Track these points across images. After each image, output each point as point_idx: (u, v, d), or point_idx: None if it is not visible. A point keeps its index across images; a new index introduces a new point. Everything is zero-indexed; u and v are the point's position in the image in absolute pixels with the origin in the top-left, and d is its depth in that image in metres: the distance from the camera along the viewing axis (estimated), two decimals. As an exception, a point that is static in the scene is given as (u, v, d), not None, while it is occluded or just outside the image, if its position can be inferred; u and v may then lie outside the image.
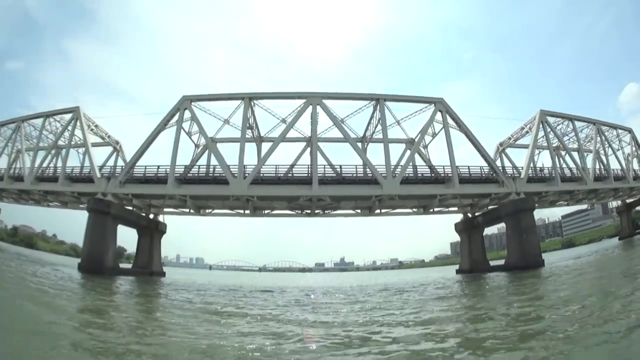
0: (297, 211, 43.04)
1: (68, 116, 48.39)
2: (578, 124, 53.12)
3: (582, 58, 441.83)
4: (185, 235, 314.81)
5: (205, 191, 37.66)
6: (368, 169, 38.81)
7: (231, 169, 37.63)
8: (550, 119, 49.49)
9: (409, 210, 46.30)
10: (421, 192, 39.35)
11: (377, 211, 43.76)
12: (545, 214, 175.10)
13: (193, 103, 41.35)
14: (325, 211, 43.00)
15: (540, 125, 47.57)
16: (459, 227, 50.81)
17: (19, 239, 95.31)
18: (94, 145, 51.94)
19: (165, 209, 47.70)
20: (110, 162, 49.57)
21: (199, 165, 40.89)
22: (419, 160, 45.52)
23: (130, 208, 45.29)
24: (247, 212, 42.94)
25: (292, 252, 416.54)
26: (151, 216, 47.63)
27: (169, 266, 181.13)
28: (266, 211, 43.51)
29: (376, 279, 53.93)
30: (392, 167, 38.43)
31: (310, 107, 39.02)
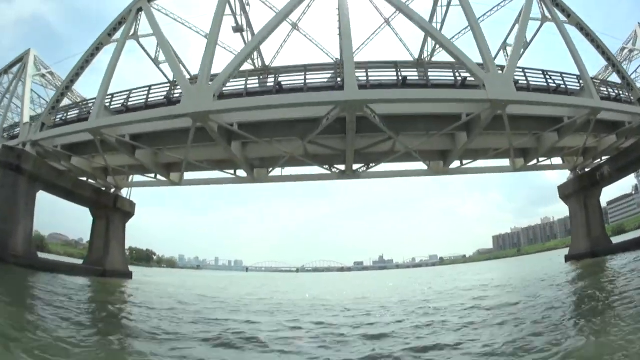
0: (324, 167, 23.02)
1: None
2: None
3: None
4: (226, 238, 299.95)
5: (145, 117, 18.53)
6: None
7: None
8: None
9: (501, 164, 26.25)
10: (547, 102, 19.10)
11: (455, 164, 23.83)
12: None
13: (153, 2, 22.83)
14: (370, 166, 22.99)
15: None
16: (567, 191, 30.17)
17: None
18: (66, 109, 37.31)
19: (136, 179, 29.93)
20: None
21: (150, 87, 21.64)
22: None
23: (86, 179, 28.38)
24: (242, 175, 23.97)
25: (331, 252, 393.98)
26: (112, 190, 29.79)
27: (208, 269, 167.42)
28: (270, 169, 23.80)
29: (439, 280, 33.94)
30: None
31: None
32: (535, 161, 26.34)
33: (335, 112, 15.78)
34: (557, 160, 29.60)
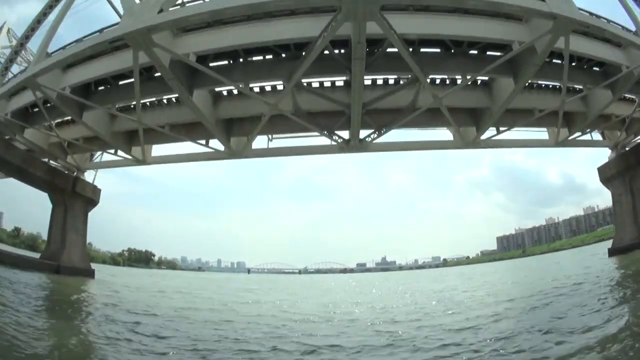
0: (323, 133, 17.14)
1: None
2: None
3: None
4: (230, 240, 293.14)
5: (77, 49, 12.75)
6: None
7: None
8: None
9: (540, 137, 21.04)
10: (618, 33, 13.41)
11: (489, 135, 18.48)
12: (595, 202, 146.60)
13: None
14: (382, 131, 17.15)
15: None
16: (609, 172, 25.00)
17: (19, 241, 77.33)
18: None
19: (100, 159, 24.64)
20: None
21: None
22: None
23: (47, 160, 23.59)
24: (219, 148, 18.63)
25: (333, 253, 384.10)
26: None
27: (210, 271, 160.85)
28: (252, 138, 18.11)
29: (481, 284, 27.25)
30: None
31: None
32: (578, 134, 21.16)
33: (335, 24, 10.35)
34: (597, 137, 24.73)
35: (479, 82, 15.80)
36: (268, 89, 15.11)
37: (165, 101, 17.19)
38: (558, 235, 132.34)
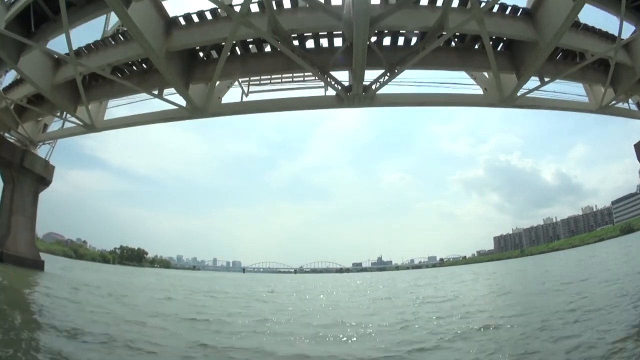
0: (316, 73, 12.63)
1: None
2: None
3: None
4: (226, 239, 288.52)
5: None
6: None
7: None
8: None
9: (579, 98, 17.00)
10: None
11: (524, 92, 13.97)
12: (593, 202, 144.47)
13: None
14: (395, 71, 12.60)
15: None
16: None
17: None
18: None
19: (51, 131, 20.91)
20: None
21: None
22: None
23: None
24: (178, 101, 13.85)
25: (330, 252, 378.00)
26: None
27: (206, 270, 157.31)
28: (213, 84, 13.67)
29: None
30: None
31: None
32: (621, 98, 17.27)
33: None
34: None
35: (519, 12, 11.89)
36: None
37: (111, 41, 13.29)
38: (556, 235, 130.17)
